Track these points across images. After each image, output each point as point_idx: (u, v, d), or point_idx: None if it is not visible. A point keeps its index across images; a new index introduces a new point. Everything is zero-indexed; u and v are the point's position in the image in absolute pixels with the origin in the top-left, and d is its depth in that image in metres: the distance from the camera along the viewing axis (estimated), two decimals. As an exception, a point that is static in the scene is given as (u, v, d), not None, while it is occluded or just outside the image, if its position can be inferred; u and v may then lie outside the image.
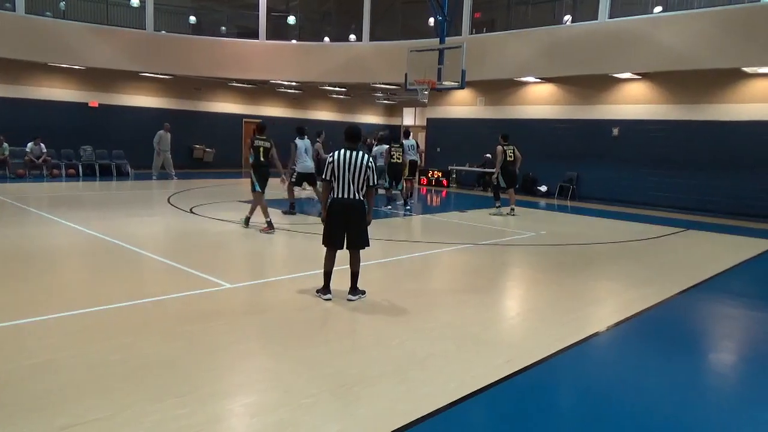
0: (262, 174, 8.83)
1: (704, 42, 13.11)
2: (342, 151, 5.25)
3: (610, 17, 14.63)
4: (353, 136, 5.37)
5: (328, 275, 5.44)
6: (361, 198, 5.30)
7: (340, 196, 5.24)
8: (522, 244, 9.07)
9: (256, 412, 3.25)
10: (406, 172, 12.57)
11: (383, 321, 5.01)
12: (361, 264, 5.51)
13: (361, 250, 5.46)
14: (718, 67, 13.29)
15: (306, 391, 3.50)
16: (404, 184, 12.59)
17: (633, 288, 6.58)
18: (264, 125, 9.04)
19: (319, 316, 5.06)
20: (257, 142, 8.81)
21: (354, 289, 5.48)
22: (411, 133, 14.07)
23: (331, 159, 5.24)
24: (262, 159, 8.79)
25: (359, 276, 5.51)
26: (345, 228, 5.31)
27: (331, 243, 5.39)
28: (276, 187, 10.95)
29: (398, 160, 12.26)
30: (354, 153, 5.22)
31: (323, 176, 5.31)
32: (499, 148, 11.95)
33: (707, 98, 14.48)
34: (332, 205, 5.30)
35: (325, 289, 5.44)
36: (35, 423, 2.99)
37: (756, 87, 13.75)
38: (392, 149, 12.39)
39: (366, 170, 5.22)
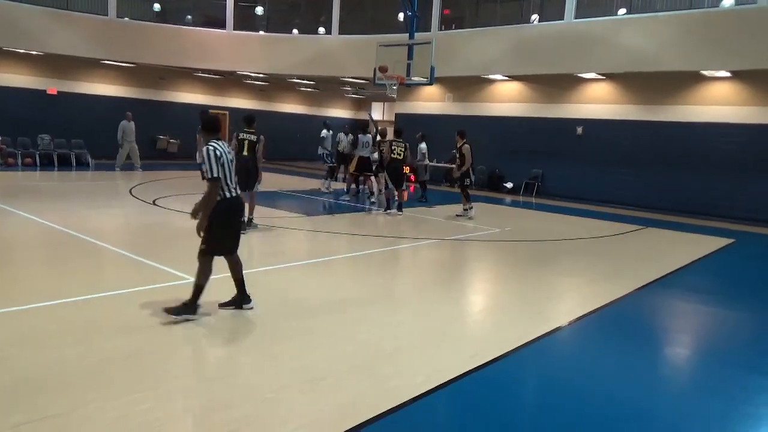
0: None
1: (666, 45, 13.47)
2: (219, 143, 4.58)
3: (576, 18, 14.90)
4: (215, 128, 4.75)
5: (202, 289, 4.57)
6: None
7: (234, 194, 4.66)
8: (487, 239, 9.17)
9: (221, 406, 3.21)
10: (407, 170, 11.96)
11: (350, 316, 5.00)
12: (330, 257, 5.47)
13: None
14: (678, 70, 13.68)
15: (271, 385, 3.47)
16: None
17: (594, 283, 6.73)
18: (253, 117, 8.58)
19: (286, 310, 5.01)
20: (242, 135, 8.28)
21: (246, 296, 4.92)
22: (400, 132, 12.29)
23: (219, 153, 4.49)
24: (245, 153, 8.20)
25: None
26: (239, 228, 4.85)
27: (226, 248, 4.73)
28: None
29: (399, 156, 11.11)
30: (226, 145, 4.71)
31: (209, 175, 4.43)
32: (467, 146, 10.93)
33: (668, 99, 14.91)
34: (231, 206, 4.64)
35: (196, 306, 4.55)
36: (-12, 420, 2.88)
37: (713, 90, 14.21)
38: (393, 144, 11.20)
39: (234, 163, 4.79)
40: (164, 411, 3.08)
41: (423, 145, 14.44)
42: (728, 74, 13.62)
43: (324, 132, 15.18)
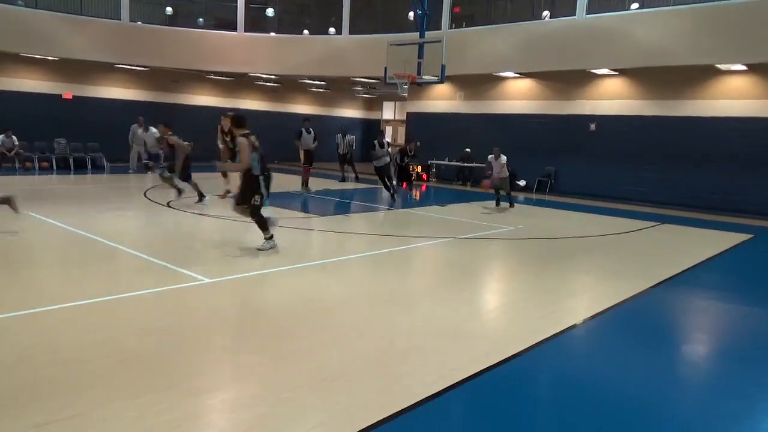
0: None
1: (679, 39, 13.32)
2: None
3: (588, 13, 14.79)
4: None
5: None
6: None
7: None
8: (500, 237, 9.14)
9: (236, 407, 3.24)
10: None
11: (363, 315, 5.02)
12: (341, 257, 5.49)
13: None
14: (692, 64, 13.52)
15: (285, 385, 3.49)
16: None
17: (609, 281, 6.69)
18: None
19: (299, 310, 5.04)
20: None
21: None
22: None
23: None
24: None
25: None
26: None
27: None
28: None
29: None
30: None
31: None
32: (242, 140, 6.99)
33: (682, 94, 14.74)
34: None
35: None
36: (8, 421, 2.94)
37: (729, 84, 14.03)
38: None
39: None
40: (181, 411, 3.12)
41: (504, 158, 12.49)
42: (744, 67, 13.44)
43: (304, 133, 14.32)
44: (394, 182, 13.84)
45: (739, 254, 9.01)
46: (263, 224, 7.15)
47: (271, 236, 7.17)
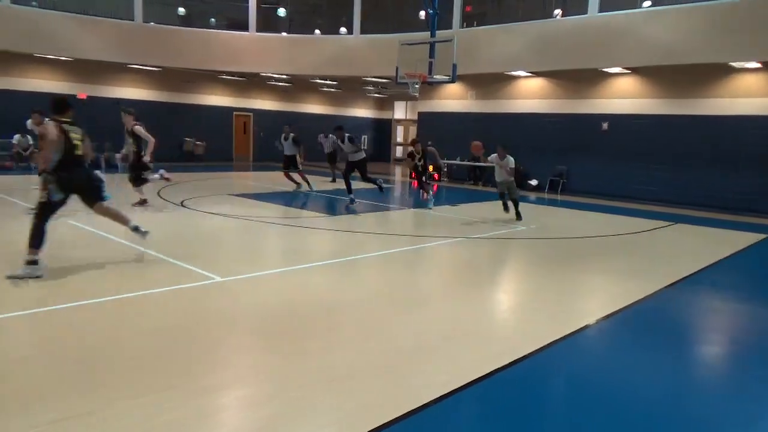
0: None
1: (693, 37, 13.18)
2: None
3: (600, 12, 14.68)
4: None
5: None
6: None
7: None
8: (512, 237, 9.10)
9: (247, 405, 3.25)
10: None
11: (374, 314, 5.01)
12: (350, 257, 5.49)
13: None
14: (706, 62, 13.38)
15: (296, 384, 3.49)
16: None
17: (622, 281, 6.62)
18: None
19: (310, 309, 5.04)
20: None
21: None
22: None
23: None
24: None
25: None
26: None
27: None
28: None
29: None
30: None
31: None
32: (50, 123, 6.09)
33: (695, 93, 14.59)
34: None
35: None
36: (19, 419, 2.96)
37: (743, 82, 13.86)
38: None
39: None
40: (190, 409, 3.13)
41: (511, 159, 10.88)
42: (758, 65, 13.27)
43: (281, 139, 14.21)
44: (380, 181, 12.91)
45: (754, 254, 8.89)
46: (36, 236, 5.61)
47: (35, 261, 5.51)
